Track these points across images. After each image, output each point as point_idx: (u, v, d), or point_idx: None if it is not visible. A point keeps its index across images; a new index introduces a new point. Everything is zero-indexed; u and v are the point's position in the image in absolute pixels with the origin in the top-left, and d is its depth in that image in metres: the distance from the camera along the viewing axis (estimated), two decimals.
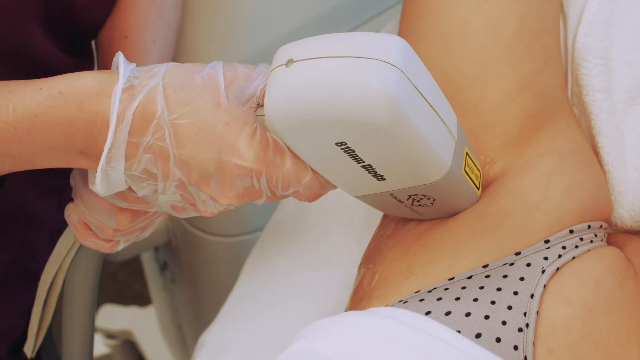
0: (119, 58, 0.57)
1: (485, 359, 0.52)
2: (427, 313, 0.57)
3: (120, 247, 0.68)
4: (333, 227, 0.83)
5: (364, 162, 0.54)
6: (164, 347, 1.49)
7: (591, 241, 0.63)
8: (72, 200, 0.67)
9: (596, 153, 0.69)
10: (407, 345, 0.53)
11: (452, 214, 0.64)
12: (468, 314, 0.56)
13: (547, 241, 0.61)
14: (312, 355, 0.53)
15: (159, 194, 0.57)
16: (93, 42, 0.81)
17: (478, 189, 0.62)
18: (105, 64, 0.76)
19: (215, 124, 0.54)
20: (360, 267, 0.68)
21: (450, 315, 0.56)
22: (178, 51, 0.91)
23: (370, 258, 0.67)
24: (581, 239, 0.62)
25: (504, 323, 0.56)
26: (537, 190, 0.63)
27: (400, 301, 0.60)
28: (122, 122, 0.53)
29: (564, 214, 0.62)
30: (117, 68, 0.58)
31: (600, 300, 0.57)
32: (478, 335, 0.55)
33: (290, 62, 0.51)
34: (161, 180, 0.56)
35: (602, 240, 0.64)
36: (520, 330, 0.55)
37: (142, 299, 1.66)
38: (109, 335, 1.52)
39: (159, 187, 0.56)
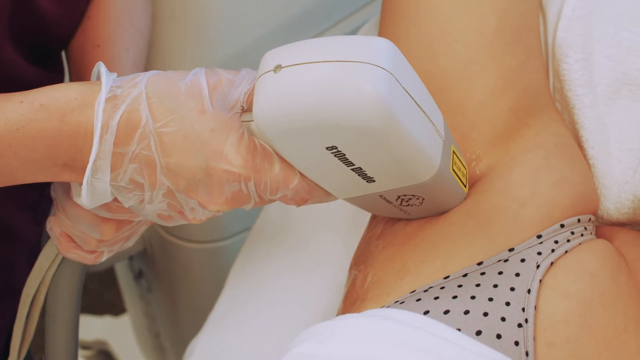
0: (100, 68, 0.56)
1: (488, 356, 0.52)
2: (426, 312, 0.57)
3: (104, 257, 0.68)
4: (318, 229, 0.82)
5: (354, 165, 0.54)
6: (140, 356, 1.47)
7: (582, 234, 0.63)
8: (51, 212, 0.66)
9: (580, 147, 0.69)
10: (409, 345, 0.53)
11: (440, 213, 0.64)
12: (467, 312, 0.56)
13: (539, 236, 0.61)
14: (314, 359, 0.53)
15: (146, 204, 0.56)
16: (63, 53, 0.80)
17: (465, 186, 0.63)
18: (78, 75, 0.76)
19: (202, 131, 0.53)
20: (350, 269, 0.68)
21: (449, 313, 0.56)
22: (150, 58, 0.91)
23: (361, 260, 0.67)
24: (572, 233, 0.63)
25: (503, 319, 0.56)
26: (525, 186, 0.63)
27: (396, 302, 0.60)
28: (107, 133, 0.53)
29: (553, 208, 0.63)
30: (97, 78, 0.57)
31: (595, 293, 0.58)
32: (478, 333, 0.55)
33: (278, 68, 0.51)
34: (148, 190, 0.55)
35: (591, 233, 0.65)
36: (519, 325, 0.56)
37: (114, 308, 1.64)
38: (84, 346, 1.50)
39: (145, 197, 0.56)
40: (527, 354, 0.55)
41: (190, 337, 1.26)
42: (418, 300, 0.58)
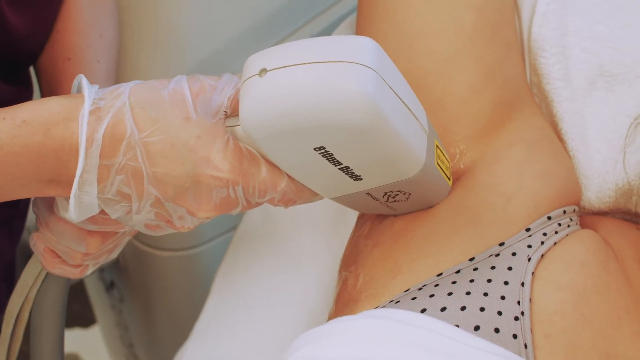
0: (82, 80, 0.55)
1: (490, 351, 0.53)
2: (423, 311, 0.57)
3: (89, 271, 0.67)
4: (300, 230, 0.83)
5: (341, 164, 0.55)
6: None
7: (568, 225, 0.64)
8: (28, 229, 0.65)
9: (560, 139, 0.70)
10: (411, 344, 0.53)
11: (426, 207, 0.65)
12: (463, 308, 0.57)
13: (528, 229, 0.62)
14: None
15: (134, 214, 0.56)
16: (31, 68, 0.79)
17: (449, 179, 0.63)
18: (50, 89, 0.75)
19: (187, 138, 0.53)
20: (340, 270, 0.69)
21: (446, 310, 0.57)
22: (120, 69, 0.90)
23: (351, 261, 0.67)
24: (559, 224, 0.64)
25: (499, 313, 0.57)
26: (511, 180, 0.64)
27: (391, 301, 0.60)
28: (92, 145, 0.52)
29: (540, 201, 0.64)
30: (78, 91, 0.57)
31: (588, 283, 0.59)
32: (477, 328, 0.56)
33: (263, 71, 0.51)
34: (135, 200, 0.55)
35: (577, 224, 0.66)
36: (516, 319, 0.56)
37: (83, 319, 1.62)
38: None
39: (133, 207, 0.55)
40: (525, 346, 0.55)
41: (166, 345, 1.26)
42: (414, 298, 0.59)
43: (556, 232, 0.63)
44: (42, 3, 0.73)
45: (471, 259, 0.61)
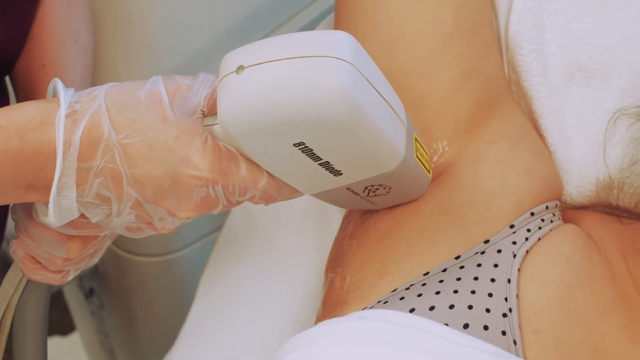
0: (57, 84, 0.55)
1: (481, 348, 0.53)
2: (412, 310, 0.58)
3: (70, 276, 0.67)
4: (285, 232, 0.83)
5: (321, 159, 0.55)
6: None
7: (551, 221, 0.65)
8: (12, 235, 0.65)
9: (540, 135, 0.71)
10: (401, 344, 0.54)
11: (407, 201, 0.65)
12: (452, 306, 0.57)
13: (512, 226, 0.63)
14: None
15: (114, 217, 0.56)
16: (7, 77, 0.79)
17: (429, 172, 0.63)
18: (27, 96, 0.74)
19: (165, 138, 0.53)
20: (326, 271, 0.69)
21: (435, 309, 0.57)
22: (95, 74, 0.89)
23: (337, 262, 0.67)
24: (542, 220, 0.64)
25: (487, 310, 0.57)
26: (494, 179, 0.65)
27: (379, 301, 0.60)
28: (70, 149, 0.52)
29: (522, 197, 0.64)
30: (54, 95, 0.56)
31: (573, 277, 0.60)
32: (466, 326, 0.56)
33: (240, 68, 0.51)
34: (115, 203, 0.54)
35: (559, 219, 0.67)
36: (504, 315, 0.57)
37: (61, 328, 1.61)
38: None
39: (113, 210, 0.55)
40: (514, 342, 0.56)
41: (148, 350, 1.26)
42: (402, 298, 0.59)
43: (540, 228, 0.63)
44: (18, 11, 0.73)
45: (457, 257, 0.61)
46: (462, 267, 0.60)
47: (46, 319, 0.75)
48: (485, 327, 0.56)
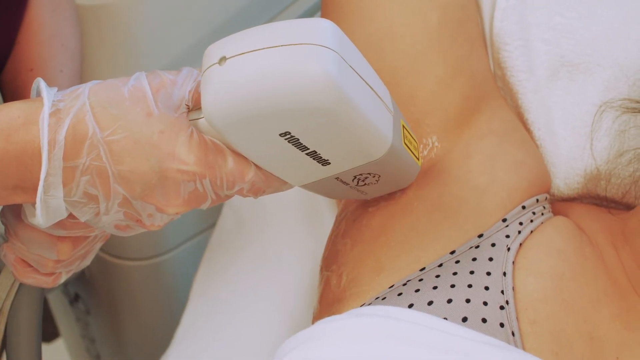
0: (40, 83, 0.55)
1: (481, 341, 0.54)
2: (410, 306, 0.58)
3: (62, 279, 0.66)
4: (276, 231, 0.83)
5: (308, 149, 0.54)
6: None
7: (542, 214, 0.66)
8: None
9: (527, 130, 0.72)
10: (402, 339, 0.54)
11: (396, 189, 0.65)
12: (449, 301, 0.58)
13: (504, 220, 0.64)
14: None
15: (102, 215, 0.55)
16: None
17: (418, 159, 0.63)
18: (14, 100, 0.74)
19: (150, 134, 0.53)
20: (322, 270, 0.69)
21: (433, 304, 0.58)
22: (82, 77, 0.90)
23: (332, 260, 0.68)
24: (533, 213, 0.65)
25: (485, 304, 0.58)
26: (484, 174, 0.66)
27: (377, 298, 0.61)
28: (55, 148, 0.52)
29: (513, 191, 0.65)
30: (37, 95, 0.56)
31: (566, 268, 0.61)
32: (464, 319, 0.57)
33: (223, 59, 0.51)
34: (103, 201, 0.54)
35: (549, 211, 0.68)
36: (502, 308, 0.58)
37: (46, 334, 1.60)
38: None
39: (101, 208, 0.55)
40: (513, 333, 0.57)
41: (136, 355, 1.26)
42: (399, 294, 0.60)
43: (531, 221, 0.65)
44: (4, 16, 0.73)
45: (452, 252, 0.62)
46: (457, 262, 0.61)
47: (40, 323, 0.75)
48: (484, 320, 0.57)
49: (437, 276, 0.60)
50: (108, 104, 0.52)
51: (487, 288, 0.59)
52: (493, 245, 0.62)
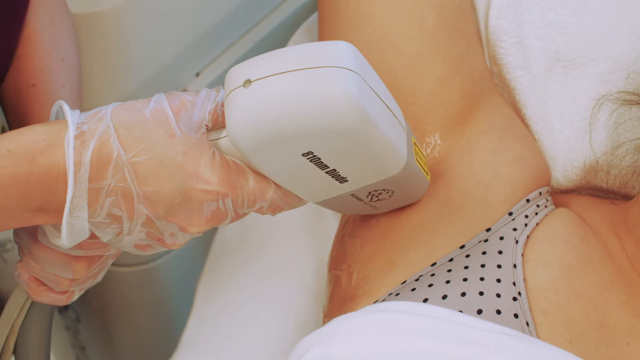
0: (63, 106, 0.55)
1: (499, 332, 0.56)
2: (425, 300, 0.60)
3: (76, 296, 0.67)
4: (279, 235, 0.84)
5: (328, 167, 0.56)
6: None
7: (545, 206, 0.68)
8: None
9: (525, 125, 0.74)
10: (421, 333, 0.55)
11: (406, 204, 0.67)
12: (463, 294, 0.60)
13: (510, 213, 0.65)
14: None
15: (125, 235, 0.56)
16: None
17: (427, 174, 0.65)
18: (17, 116, 0.74)
19: (174, 155, 0.54)
20: (330, 270, 0.70)
21: (447, 298, 0.59)
22: None
23: (341, 260, 0.69)
24: (537, 206, 0.67)
25: (498, 295, 0.59)
26: (487, 169, 0.67)
27: (390, 294, 0.62)
28: (81, 170, 0.52)
29: (517, 185, 0.67)
30: (57, 117, 0.57)
31: (573, 258, 0.63)
32: (479, 312, 0.58)
33: (247, 82, 0.52)
34: (126, 221, 0.55)
35: (551, 204, 0.70)
36: (514, 299, 0.59)
37: None
38: None
39: (124, 228, 0.56)
40: (527, 324, 0.58)
41: None
42: (413, 289, 0.61)
43: (536, 214, 0.66)
44: (1, 31, 0.73)
45: (462, 247, 0.63)
46: (467, 256, 0.62)
47: (49, 340, 0.75)
48: (498, 312, 0.58)
49: (449, 271, 0.62)
50: (131, 126, 0.53)
51: (499, 280, 0.60)
52: (501, 238, 0.63)
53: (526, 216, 0.65)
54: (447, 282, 0.61)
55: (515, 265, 0.61)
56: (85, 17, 0.87)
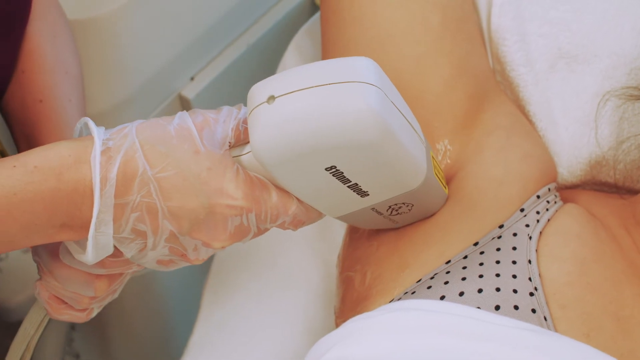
0: (88, 122, 0.56)
1: (519, 327, 0.56)
2: (442, 297, 0.60)
3: (94, 313, 0.67)
4: (285, 240, 0.84)
5: (350, 181, 0.57)
6: None
7: (555, 202, 0.68)
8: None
9: (529, 122, 0.74)
10: (440, 330, 0.56)
11: (424, 217, 0.67)
12: (480, 290, 0.60)
13: (522, 210, 0.66)
14: None
15: (149, 250, 0.57)
16: None
17: (445, 187, 0.66)
18: (24, 132, 0.74)
19: (199, 171, 0.54)
20: (341, 272, 0.70)
21: (464, 295, 0.60)
22: None
23: (354, 262, 0.69)
24: (547, 202, 0.68)
25: (514, 291, 0.60)
26: (497, 167, 0.68)
27: (406, 293, 0.62)
28: (107, 185, 0.53)
29: (527, 182, 0.67)
30: (81, 134, 0.58)
31: (586, 252, 0.63)
32: (497, 307, 0.59)
33: (271, 98, 0.52)
34: (151, 236, 0.56)
35: (559, 200, 0.70)
36: (531, 294, 0.60)
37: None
38: None
39: (148, 243, 0.56)
40: (545, 318, 0.59)
41: None
42: (429, 287, 0.61)
43: (547, 210, 0.67)
44: (1, 39, 0.72)
45: (475, 244, 0.64)
46: (482, 253, 0.63)
47: (63, 356, 0.75)
48: (516, 307, 0.59)
49: (464, 268, 0.62)
50: (156, 142, 0.54)
51: (514, 276, 0.61)
52: (515, 234, 0.64)
53: (537, 212, 0.66)
54: (463, 279, 0.61)
55: (530, 261, 0.62)
56: (81, 23, 0.87)
